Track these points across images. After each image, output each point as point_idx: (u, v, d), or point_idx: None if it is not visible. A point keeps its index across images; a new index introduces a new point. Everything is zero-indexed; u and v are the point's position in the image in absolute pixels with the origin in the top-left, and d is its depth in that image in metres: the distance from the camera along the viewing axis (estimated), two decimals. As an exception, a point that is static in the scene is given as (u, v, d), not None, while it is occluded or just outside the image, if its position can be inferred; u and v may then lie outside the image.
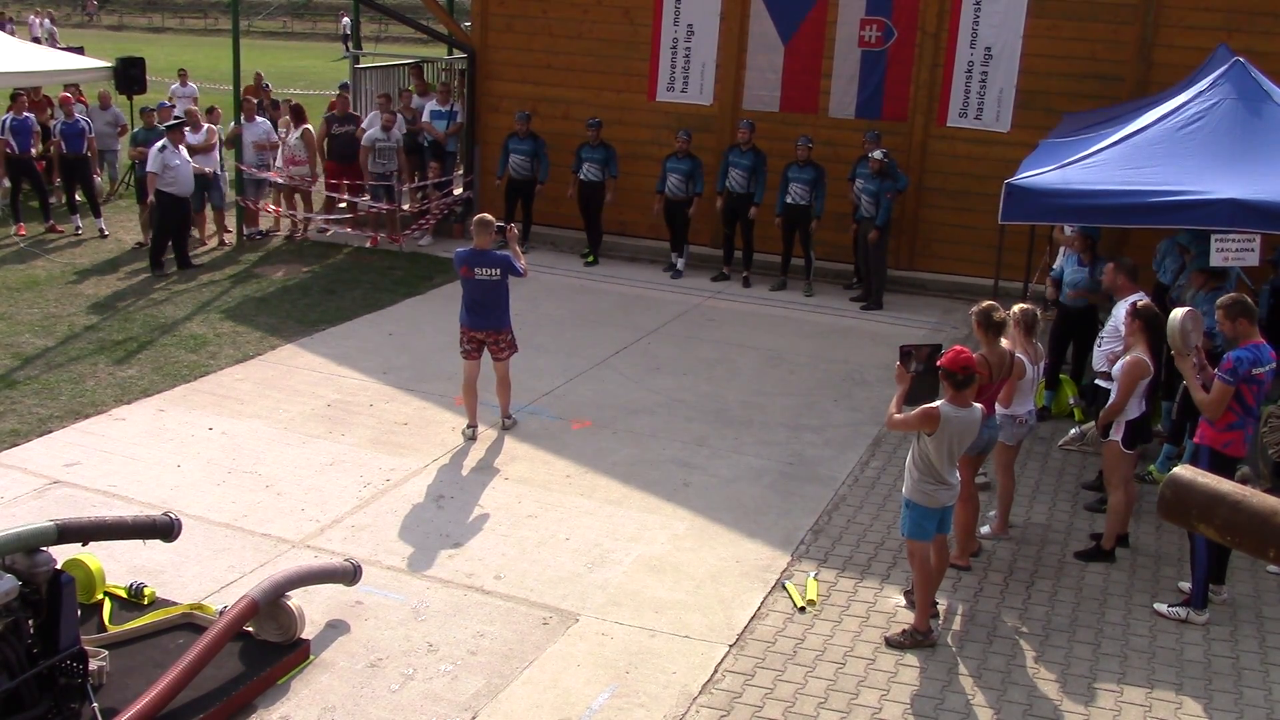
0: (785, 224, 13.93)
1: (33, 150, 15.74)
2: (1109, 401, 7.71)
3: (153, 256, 13.99)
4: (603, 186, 14.82)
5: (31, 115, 15.81)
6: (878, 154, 13.10)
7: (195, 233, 15.11)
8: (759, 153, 13.96)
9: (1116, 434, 7.67)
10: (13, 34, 37.48)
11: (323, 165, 15.95)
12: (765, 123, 14.63)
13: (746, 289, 14.14)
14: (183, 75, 20.51)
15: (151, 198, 13.66)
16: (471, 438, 9.39)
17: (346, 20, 41.12)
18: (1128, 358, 7.60)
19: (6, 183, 15.96)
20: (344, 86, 16.87)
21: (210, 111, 16.76)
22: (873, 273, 13.67)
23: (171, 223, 13.85)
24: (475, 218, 9.43)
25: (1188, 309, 7.32)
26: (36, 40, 37.94)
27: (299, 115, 15.88)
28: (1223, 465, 7.02)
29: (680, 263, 14.68)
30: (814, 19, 14.38)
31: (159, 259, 13.93)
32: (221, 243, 15.40)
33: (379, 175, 15.38)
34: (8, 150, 15.43)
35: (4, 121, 15.44)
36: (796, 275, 14.16)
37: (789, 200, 13.76)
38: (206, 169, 14.57)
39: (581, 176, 14.82)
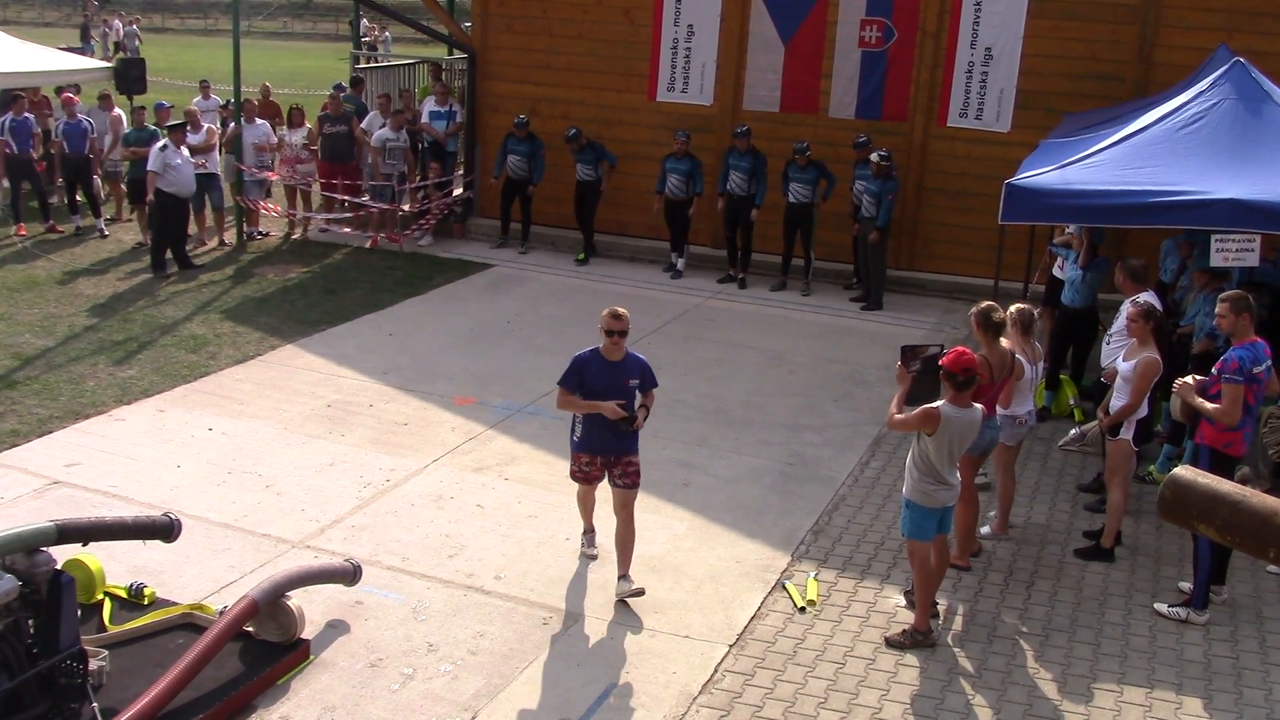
0: (787, 223, 13.92)
1: (32, 151, 15.74)
2: (1121, 402, 7.67)
3: (154, 257, 13.99)
4: (597, 186, 14.84)
5: (31, 116, 15.81)
6: (875, 156, 13.10)
7: (194, 231, 15.11)
8: (758, 155, 13.96)
9: (1127, 432, 7.69)
10: (105, 36, 38.29)
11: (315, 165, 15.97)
12: (765, 123, 14.64)
13: (743, 290, 14.11)
14: (205, 88, 18.93)
15: (151, 196, 13.68)
16: (593, 555, 7.61)
17: (364, 22, 41.28)
18: (1140, 357, 7.58)
19: (5, 183, 15.96)
20: (338, 87, 16.90)
21: (225, 105, 16.79)
22: (872, 273, 13.66)
23: (172, 223, 13.86)
24: (608, 313, 6.93)
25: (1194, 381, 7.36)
26: (119, 45, 38.53)
27: (299, 116, 15.89)
28: (1223, 465, 7.02)
29: (680, 263, 14.68)
30: (814, 19, 14.38)
31: (160, 259, 13.93)
32: (221, 243, 15.41)
33: (386, 176, 15.41)
34: (7, 151, 15.43)
35: (3, 123, 15.44)
36: (796, 275, 14.16)
37: (791, 200, 13.76)
38: (203, 164, 14.56)
39: (578, 177, 14.87)
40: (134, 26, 41.18)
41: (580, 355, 7.03)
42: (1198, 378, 7.37)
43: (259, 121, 15.64)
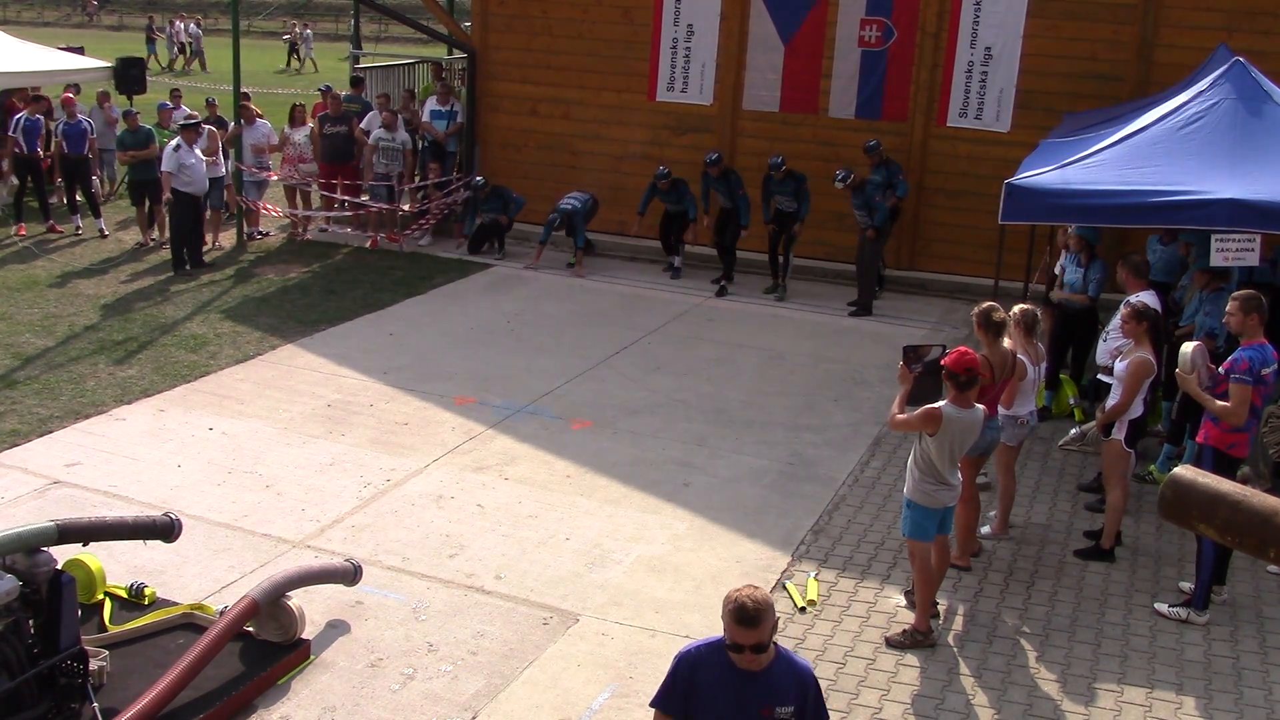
0: (775, 230, 13.82)
1: (39, 150, 15.76)
2: (1113, 401, 7.70)
3: (174, 256, 14.04)
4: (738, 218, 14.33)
5: (40, 117, 15.82)
6: (838, 184, 12.98)
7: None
8: (731, 175, 13.78)
9: (1119, 432, 7.68)
10: (171, 38, 38.47)
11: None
12: (765, 123, 14.65)
13: (721, 298, 13.85)
14: (176, 97, 17.39)
15: (168, 195, 13.72)
16: None
17: (300, 29, 41.54)
18: (1133, 357, 7.59)
19: (14, 180, 15.97)
20: (325, 89, 17.00)
21: (210, 105, 16.82)
22: (862, 276, 13.52)
23: (187, 221, 13.89)
24: (732, 609, 4.02)
25: (1198, 344, 7.37)
26: (182, 46, 38.51)
27: (300, 115, 15.90)
28: (1226, 466, 7.02)
29: (678, 261, 14.61)
30: (814, 19, 14.38)
31: (179, 258, 13.97)
32: (214, 243, 15.37)
33: (382, 175, 15.41)
34: (16, 150, 15.48)
35: (17, 120, 15.49)
36: (797, 277, 14.14)
37: (779, 208, 13.66)
38: (215, 162, 14.62)
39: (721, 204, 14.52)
40: (197, 28, 40.93)
41: (689, 652, 4.23)
42: (1199, 344, 7.38)
43: (260, 121, 15.66)
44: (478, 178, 15.18)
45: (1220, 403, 7.02)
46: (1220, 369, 7.20)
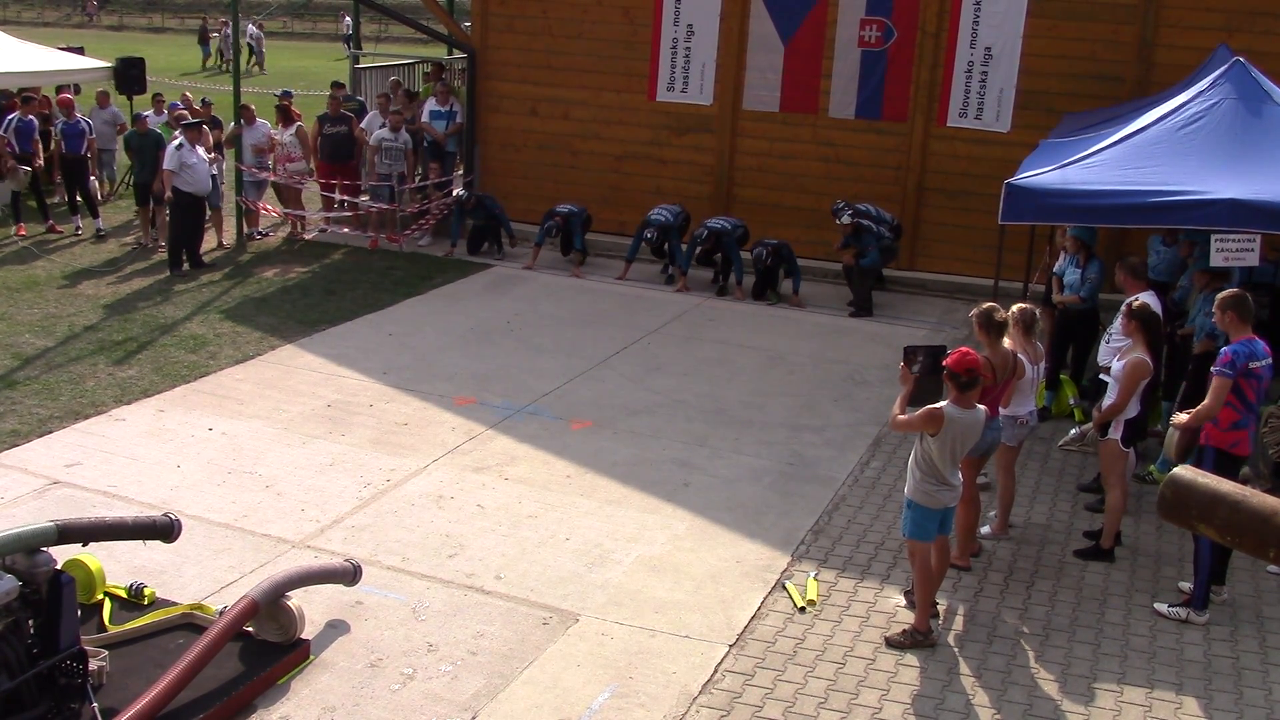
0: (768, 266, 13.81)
1: (35, 155, 15.74)
2: (1109, 401, 7.71)
3: (170, 255, 14.02)
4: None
5: (34, 118, 15.81)
6: (845, 218, 12.99)
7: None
8: (722, 237, 13.70)
9: (1115, 432, 7.69)
10: (228, 39, 38.49)
11: (314, 165, 15.97)
12: (765, 123, 14.64)
13: (723, 296, 13.91)
14: (159, 102, 17.16)
15: (169, 195, 13.72)
16: None
17: (349, 20, 41.19)
18: (1129, 358, 7.61)
19: (23, 172, 15.88)
20: (337, 85, 16.96)
21: (205, 104, 16.82)
22: (853, 285, 13.49)
23: (189, 221, 13.89)
24: None
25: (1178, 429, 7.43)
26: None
27: (288, 115, 15.88)
28: (1228, 465, 7.02)
29: (671, 269, 14.50)
30: (814, 19, 14.39)
31: (177, 258, 13.96)
32: (220, 244, 15.39)
33: (384, 176, 15.41)
34: (8, 150, 15.46)
35: (9, 121, 15.48)
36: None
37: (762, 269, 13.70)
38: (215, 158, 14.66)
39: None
40: (256, 29, 40.52)
41: None
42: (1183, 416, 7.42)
43: (260, 122, 15.66)
44: (461, 190, 15.15)
45: (1184, 415, 7.09)
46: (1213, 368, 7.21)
